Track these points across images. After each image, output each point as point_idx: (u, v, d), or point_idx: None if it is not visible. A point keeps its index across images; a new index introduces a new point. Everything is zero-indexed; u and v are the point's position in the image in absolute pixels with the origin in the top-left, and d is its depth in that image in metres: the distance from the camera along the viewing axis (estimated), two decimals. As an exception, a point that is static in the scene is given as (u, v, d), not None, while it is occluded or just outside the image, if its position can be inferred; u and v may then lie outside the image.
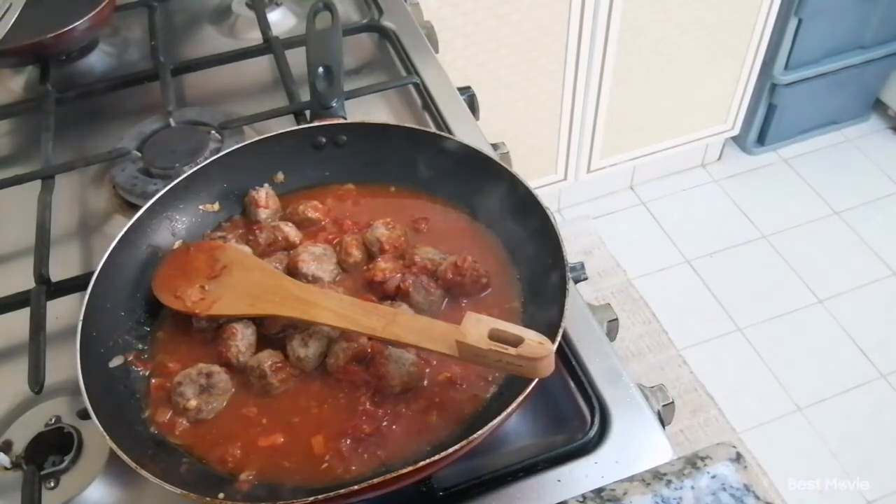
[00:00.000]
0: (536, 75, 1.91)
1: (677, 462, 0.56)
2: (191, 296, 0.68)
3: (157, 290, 0.69)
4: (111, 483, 0.62)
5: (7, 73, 1.07)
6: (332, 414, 0.62)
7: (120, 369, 0.65)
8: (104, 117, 0.99)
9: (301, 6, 1.14)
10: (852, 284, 2.15)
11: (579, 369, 0.67)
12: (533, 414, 0.66)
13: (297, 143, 0.79)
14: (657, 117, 2.19)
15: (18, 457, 0.63)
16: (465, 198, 0.76)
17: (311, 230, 0.76)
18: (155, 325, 0.69)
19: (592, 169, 2.24)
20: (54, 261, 0.76)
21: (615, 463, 0.61)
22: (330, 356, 0.64)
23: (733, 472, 0.54)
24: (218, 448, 0.60)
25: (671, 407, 0.67)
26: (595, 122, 2.10)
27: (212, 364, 0.64)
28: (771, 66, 2.21)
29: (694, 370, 1.98)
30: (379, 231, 0.72)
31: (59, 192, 0.85)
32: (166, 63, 1.00)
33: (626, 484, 0.54)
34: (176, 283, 0.69)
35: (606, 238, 2.30)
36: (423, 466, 0.53)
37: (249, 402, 0.63)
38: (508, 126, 1.99)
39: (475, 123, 0.93)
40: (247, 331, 0.66)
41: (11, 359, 0.73)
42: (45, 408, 0.66)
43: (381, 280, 0.69)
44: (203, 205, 0.77)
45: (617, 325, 0.74)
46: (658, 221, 2.36)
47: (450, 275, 0.68)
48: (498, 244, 0.73)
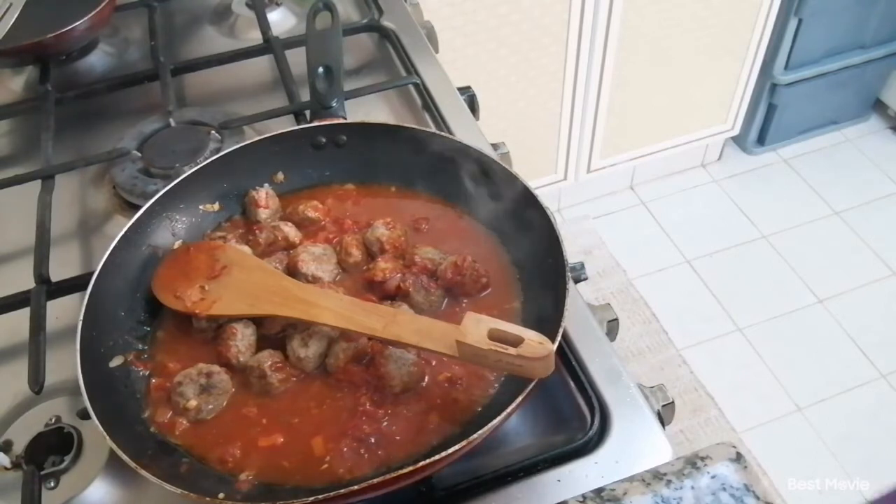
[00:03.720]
0: (536, 75, 1.91)
1: (677, 462, 0.56)
2: (191, 296, 0.68)
3: (157, 289, 0.69)
4: (111, 483, 0.62)
5: (7, 73, 1.07)
6: (332, 414, 0.62)
7: (120, 369, 0.65)
8: (104, 117, 0.99)
9: (301, 6, 1.14)
10: (852, 284, 2.15)
11: (579, 369, 0.67)
12: (533, 414, 0.66)
13: (297, 143, 0.79)
14: (657, 117, 2.19)
15: (18, 457, 0.63)
16: (466, 198, 0.76)
17: (311, 230, 0.76)
18: (155, 325, 0.69)
19: (592, 169, 2.24)
20: (54, 261, 0.76)
21: (615, 463, 0.61)
22: (330, 356, 0.64)
23: (733, 472, 0.54)
24: (218, 448, 0.60)
25: (671, 407, 0.67)
26: (595, 122, 2.10)
27: (212, 364, 0.64)
28: (771, 66, 2.21)
29: (694, 370, 1.98)
30: (379, 231, 0.72)
31: (59, 192, 0.85)
32: (166, 63, 1.00)
33: (626, 484, 0.54)
34: (176, 283, 0.69)
35: (606, 238, 2.30)
36: (423, 466, 0.53)
37: (249, 403, 0.63)
38: (508, 126, 1.99)
39: (475, 123, 0.93)
40: (247, 331, 0.66)
41: (11, 359, 0.73)
42: (45, 408, 0.66)
43: (381, 280, 0.69)
44: (203, 205, 0.77)
45: (617, 325, 0.74)
46: (658, 221, 2.36)
47: (450, 275, 0.68)
48: (498, 244, 0.73)
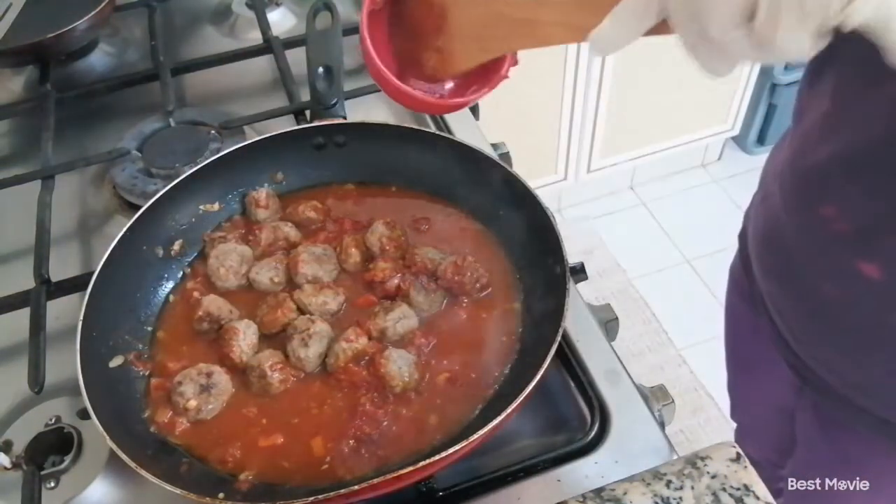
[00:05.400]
0: (536, 75, 1.91)
1: (677, 462, 0.56)
2: (429, 60, 0.58)
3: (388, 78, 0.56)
4: (111, 483, 0.62)
5: (7, 73, 1.07)
6: (332, 414, 0.62)
7: (120, 369, 0.65)
8: (104, 117, 0.99)
9: (301, 6, 1.14)
10: (852, 284, 2.15)
11: (579, 369, 0.67)
12: (533, 414, 0.66)
13: (297, 143, 0.79)
14: (657, 117, 2.19)
15: (18, 457, 0.63)
16: (466, 198, 0.76)
17: (310, 230, 0.76)
18: (155, 325, 0.70)
19: (592, 169, 2.24)
20: (54, 261, 0.76)
21: (615, 463, 0.61)
22: (330, 356, 0.64)
23: (733, 472, 0.54)
24: (218, 448, 0.60)
25: (671, 407, 0.67)
26: (595, 122, 2.10)
27: (212, 364, 0.64)
28: (771, 65, 2.21)
29: (694, 370, 1.98)
30: (379, 231, 0.72)
31: (59, 192, 0.85)
32: (166, 63, 1.00)
33: (626, 484, 0.54)
34: (410, 50, 0.58)
35: (606, 238, 2.30)
36: (424, 466, 0.53)
37: (249, 403, 0.63)
38: (508, 126, 1.99)
39: (475, 123, 0.93)
40: (248, 330, 0.66)
41: (11, 359, 0.73)
42: (45, 408, 0.66)
43: (381, 280, 0.69)
44: (203, 205, 0.77)
45: (617, 325, 0.74)
46: (658, 221, 2.36)
47: (450, 275, 0.68)
48: (498, 244, 0.73)
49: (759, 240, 0.80)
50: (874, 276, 0.62)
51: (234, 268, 0.71)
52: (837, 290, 0.67)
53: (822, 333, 0.73)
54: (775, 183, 0.74)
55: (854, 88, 0.59)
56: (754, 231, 0.82)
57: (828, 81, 0.63)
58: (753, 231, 0.83)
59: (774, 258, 0.77)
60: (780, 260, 0.75)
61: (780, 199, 0.72)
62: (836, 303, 0.68)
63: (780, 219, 0.73)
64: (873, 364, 0.69)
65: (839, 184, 0.62)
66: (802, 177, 0.68)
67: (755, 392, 1.05)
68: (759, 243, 0.80)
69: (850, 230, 0.62)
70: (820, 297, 0.69)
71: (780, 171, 0.73)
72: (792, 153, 0.70)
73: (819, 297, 0.70)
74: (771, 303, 0.80)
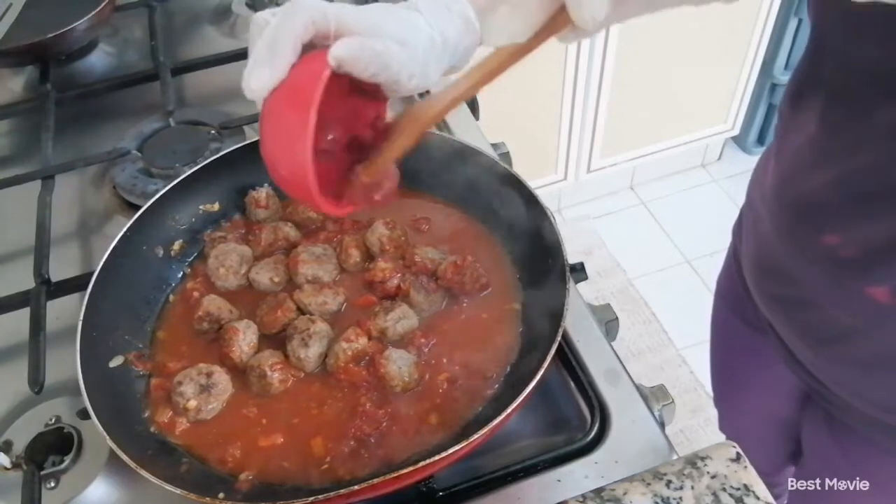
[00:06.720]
0: (536, 75, 1.90)
1: (677, 462, 0.56)
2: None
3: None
4: (111, 483, 0.62)
5: (7, 73, 1.07)
6: (332, 414, 0.62)
7: (120, 369, 0.65)
8: (104, 117, 0.99)
9: (301, 6, 1.14)
10: (852, 284, 2.15)
11: (579, 369, 0.67)
12: (533, 414, 0.66)
13: (297, 143, 0.78)
14: (657, 117, 2.19)
15: (18, 457, 0.63)
16: (465, 198, 0.76)
17: (311, 230, 0.76)
18: (155, 325, 0.70)
19: (592, 169, 2.24)
20: (54, 261, 0.76)
21: (615, 463, 0.61)
22: (330, 356, 0.64)
23: (733, 472, 0.54)
24: (218, 448, 0.60)
25: (671, 407, 0.67)
26: (595, 122, 2.10)
27: (212, 364, 0.64)
28: (771, 66, 2.21)
29: (694, 370, 1.97)
30: (379, 231, 0.72)
31: (59, 192, 0.85)
32: (166, 63, 1.00)
33: (626, 484, 0.54)
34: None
35: (606, 238, 2.30)
36: (424, 466, 0.53)
37: (249, 403, 0.63)
38: (508, 126, 1.99)
39: (475, 123, 0.93)
40: (248, 330, 0.66)
41: (11, 359, 0.73)
42: (45, 408, 0.66)
43: (381, 280, 0.69)
44: (203, 205, 0.77)
45: (617, 325, 0.74)
46: (658, 221, 2.36)
47: (450, 275, 0.68)
48: (498, 244, 0.73)
49: (754, 264, 0.78)
50: (884, 301, 0.61)
51: (234, 268, 0.71)
52: (850, 317, 0.66)
53: (840, 358, 0.71)
54: (763, 207, 0.73)
55: (842, 116, 0.58)
56: (746, 252, 0.80)
57: (811, 106, 0.62)
58: (746, 252, 0.81)
59: (776, 286, 0.75)
60: (785, 289, 0.73)
61: (771, 227, 0.71)
62: (851, 329, 0.67)
63: (773, 246, 0.71)
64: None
65: (839, 210, 0.61)
66: (795, 206, 0.66)
67: (749, 406, 1.03)
68: (755, 268, 0.78)
69: (856, 256, 0.61)
70: (833, 325, 0.68)
71: (767, 198, 0.71)
72: (780, 180, 0.68)
73: (832, 325, 0.68)
74: (778, 328, 0.78)
